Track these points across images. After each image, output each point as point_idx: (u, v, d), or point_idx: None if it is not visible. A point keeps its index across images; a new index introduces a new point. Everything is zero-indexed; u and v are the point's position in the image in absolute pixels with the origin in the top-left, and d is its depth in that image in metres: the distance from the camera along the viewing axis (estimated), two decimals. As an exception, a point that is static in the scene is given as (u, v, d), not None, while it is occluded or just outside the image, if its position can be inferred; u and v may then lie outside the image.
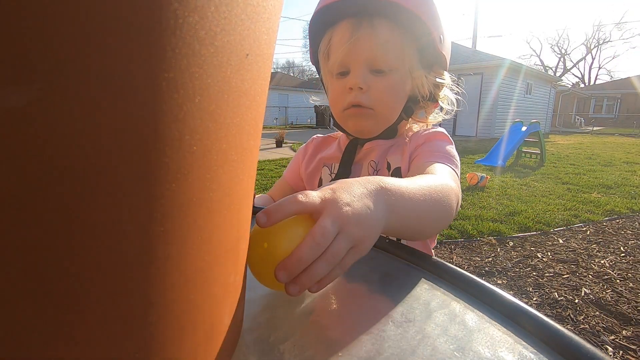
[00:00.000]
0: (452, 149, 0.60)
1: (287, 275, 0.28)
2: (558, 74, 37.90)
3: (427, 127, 0.69)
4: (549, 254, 2.46)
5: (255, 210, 0.60)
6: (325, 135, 0.79)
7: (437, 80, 0.63)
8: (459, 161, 0.58)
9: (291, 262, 0.27)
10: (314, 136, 0.80)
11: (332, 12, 0.58)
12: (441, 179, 0.46)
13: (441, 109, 0.68)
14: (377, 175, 0.64)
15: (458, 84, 0.67)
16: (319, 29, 0.62)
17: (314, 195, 0.30)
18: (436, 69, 0.62)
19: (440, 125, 0.72)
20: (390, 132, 0.64)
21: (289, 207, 0.29)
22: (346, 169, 0.66)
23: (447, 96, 0.67)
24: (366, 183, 0.34)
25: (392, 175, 0.63)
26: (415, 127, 0.69)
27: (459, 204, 0.48)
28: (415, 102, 0.63)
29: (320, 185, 0.71)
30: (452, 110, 0.68)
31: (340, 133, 0.73)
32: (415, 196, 0.39)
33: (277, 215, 0.28)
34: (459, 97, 0.68)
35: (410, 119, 0.67)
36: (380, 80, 0.58)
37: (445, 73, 0.64)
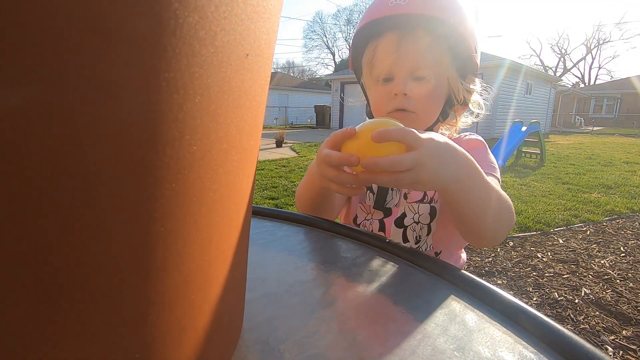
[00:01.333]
0: (492, 156, 0.66)
1: (368, 164, 0.40)
2: (558, 74, 37.91)
3: (456, 130, 0.74)
4: (549, 254, 2.46)
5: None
6: None
7: (471, 86, 0.68)
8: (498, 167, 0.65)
9: (372, 162, 0.39)
10: None
11: (378, 25, 0.63)
12: (505, 194, 0.54)
13: (472, 112, 0.73)
14: None
15: (487, 89, 0.72)
16: (364, 40, 0.68)
17: (416, 138, 0.41)
18: (470, 76, 0.67)
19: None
20: None
21: (396, 136, 0.40)
22: None
23: (477, 101, 0.72)
24: (458, 152, 0.45)
25: None
26: (447, 132, 0.73)
27: (511, 223, 0.55)
28: (451, 106, 0.68)
29: None
30: (481, 114, 0.73)
31: None
32: (485, 185, 0.48)
33: (385, 137, 0.40)
34: (487, 102, 0.73)
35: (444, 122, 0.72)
36: (422, 86, 0.63)
37: (477, 79, 0.69)
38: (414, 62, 0.62)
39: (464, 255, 0.74)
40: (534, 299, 1.90)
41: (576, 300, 1.86)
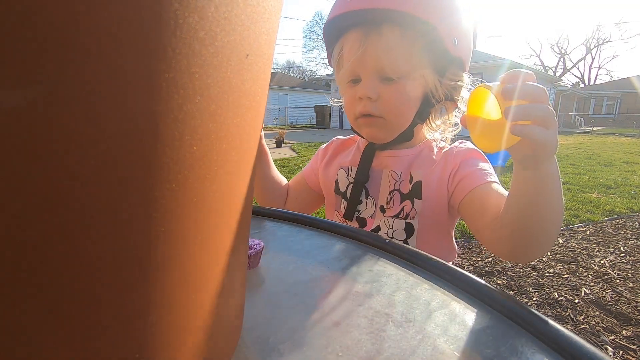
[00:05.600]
0: (490, 165, 0.61)
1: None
2: (558, 74, 37.93)
3: (449, 125, 0.68)
4: (549, 254, 2.46)
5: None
6: (346, 138, 0.79)
7: (454, 83, 0.62)
8: None
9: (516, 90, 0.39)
10: (335, 138, 0.80)
11: (342, 22, 0.59)
12: None
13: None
14: (399, 185, 0.65)
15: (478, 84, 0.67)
16: (332, 36, 0.63)
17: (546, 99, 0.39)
18: (452, 71, 0.62)
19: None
20: (404, 137, 0.65)
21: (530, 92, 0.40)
22: (364, 175, 0.67)
23: (465, 98, 0.66)
24: None
25: (412, 188, 0.64)
26: (436, 135, 0.69)
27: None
28: (429, 105, 0.63)
29: (337, 186, 0.71)
30: None
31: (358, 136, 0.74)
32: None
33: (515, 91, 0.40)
34: None
35: (427, 122, 0.66)
36: (390, 88, 0.58)
37: (464, 74, 0.63)
38: (379, 61, 0.57)
39: None
40: (534, 299, 1.90)
41: (576, 300, 1.86)
